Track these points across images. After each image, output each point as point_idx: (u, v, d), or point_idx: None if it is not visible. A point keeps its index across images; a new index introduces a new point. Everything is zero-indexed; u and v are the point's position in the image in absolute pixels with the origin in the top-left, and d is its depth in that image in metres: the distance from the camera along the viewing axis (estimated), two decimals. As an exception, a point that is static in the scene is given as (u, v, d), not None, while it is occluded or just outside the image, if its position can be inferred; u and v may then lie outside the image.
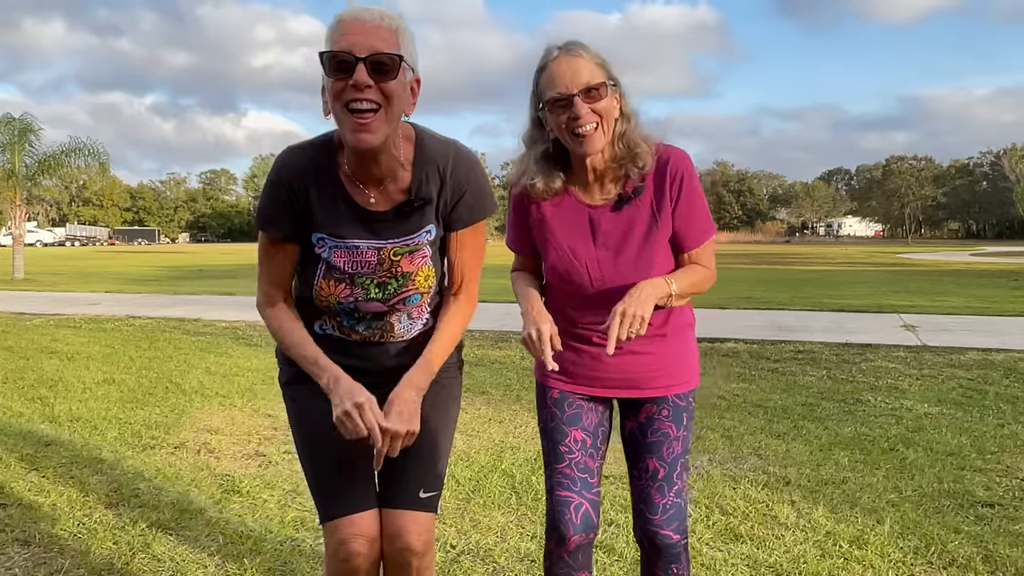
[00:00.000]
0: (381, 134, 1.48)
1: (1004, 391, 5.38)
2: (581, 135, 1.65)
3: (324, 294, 1.66)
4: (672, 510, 1.78)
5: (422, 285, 1.67)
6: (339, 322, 1.71)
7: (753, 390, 5.47)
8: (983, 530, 2.98)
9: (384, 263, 1.63)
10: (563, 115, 1.65)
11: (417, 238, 1.64)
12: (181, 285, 16.83)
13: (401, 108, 1.52)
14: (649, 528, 1.79)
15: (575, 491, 1.80)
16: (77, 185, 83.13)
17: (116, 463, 3.82)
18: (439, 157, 1.62)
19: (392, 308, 1.68)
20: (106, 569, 2.66)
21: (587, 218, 1.76)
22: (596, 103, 1.64)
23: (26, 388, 5.56)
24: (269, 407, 4.96)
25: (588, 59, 1.65)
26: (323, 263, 1.64)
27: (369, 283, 1.64)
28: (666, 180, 1.72)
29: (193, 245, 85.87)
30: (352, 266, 1.63)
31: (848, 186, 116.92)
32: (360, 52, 1.43)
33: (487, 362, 6.63)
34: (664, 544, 1.78)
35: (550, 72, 1.66)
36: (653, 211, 1.74)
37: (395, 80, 1.47)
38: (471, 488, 3.44)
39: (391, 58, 1.45)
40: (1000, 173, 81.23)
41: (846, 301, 11.96)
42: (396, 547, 1.70)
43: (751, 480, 3.55)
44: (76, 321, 9.53)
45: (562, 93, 1.63)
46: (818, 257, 37.12)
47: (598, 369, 1.81)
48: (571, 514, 1.78)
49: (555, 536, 1.80)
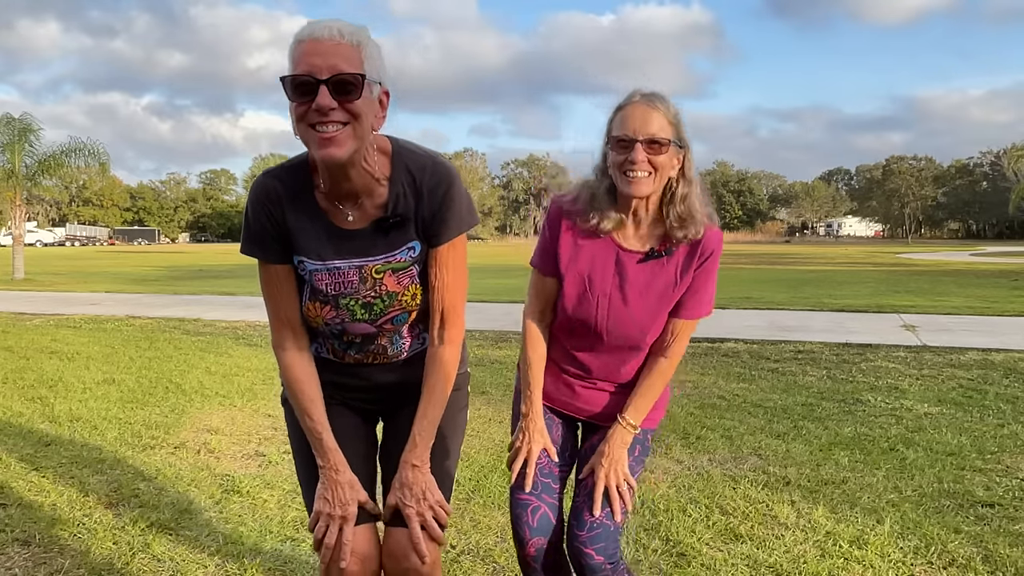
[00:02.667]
0: (348, 148, 1.44)
1: (1004, 391, 5.38)
2: (630, 178, 1.70)
3: (312, 315, 1.65)
4: (599, 530, 1.79)
5: (409, 304, 1.64)
6: (332, 345, 1.72)
7: (753, 390, 5.47)
8: (983, 530, 2.98)
9: (367, 282, 1.60)
10: (622, 156, 1.71)
11: (399, 255, 1.60)
12: (181, 285, 16.83)
13: (368, 125, 1.48)
14: (574, 544, 1.80)
15: (535, 494, 1.84)
16: (77, 185, 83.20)
17: (116, 463, 3.82)
18: (415, 171, 1.58)
19: (381, 329, 1.66)
20: (106, 569, 2.66)
21: (615, 257, 1.81)
22: (656, 156, 1.69)
23: (26, 388, 5.56)
24: (269, 407, 4.96)
25: (664, 113, 1.71)
26: (307, 286, 1.63)
27: (354, 304, 1.62)
28: (697, 251, 1.78)
29: (193, 245, 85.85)
30: (335, 287, 1.61)
31: (848, 186, 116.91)
32: (321, 74, 1.39)
33: (487, 362, 6.63)
34: (587, 564, 1.77)
35: (624, 113, 1.73)
36: (677, 276, 1.80)
37: (360, 99, 1.43)
38: (471, 488, 3.44)
39: (354, 77, 1.41)
40: (1000, 173, 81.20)
41: (846, 301, 11.95)
42: (402, 567, 1.66)
43: (751, 480, 3.55)
44: (76, 321, 9.53)
45: (627, 136, 1.70)
46: (818, 257, 37.12)
47: (571, 397, 1.93)
48: (528, 517, 1.82)
49: (517, 540, 1.85)
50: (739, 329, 8.46)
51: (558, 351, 1.92)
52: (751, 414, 4.79)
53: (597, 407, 1.92)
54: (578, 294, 1.82)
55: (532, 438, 1.87)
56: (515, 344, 7.60)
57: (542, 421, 1.90)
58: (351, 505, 1.63)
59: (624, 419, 1.84)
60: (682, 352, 1.87)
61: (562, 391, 1.93)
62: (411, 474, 1.64)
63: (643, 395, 1.85)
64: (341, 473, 1.64)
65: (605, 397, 1.91)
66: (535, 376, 1.90)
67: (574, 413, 1.95)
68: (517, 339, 7.92)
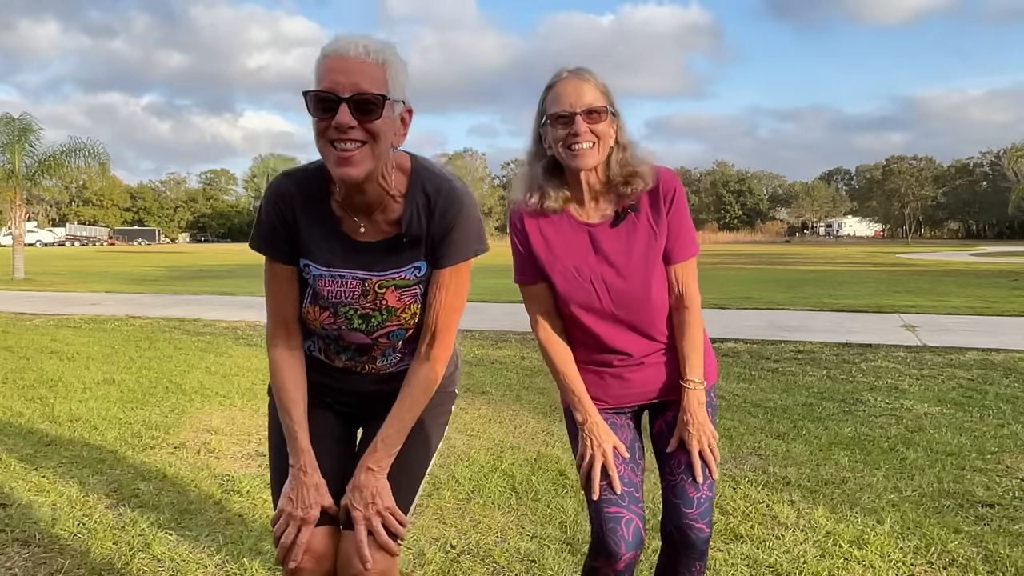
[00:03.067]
0: (364, 168, 1.46)
1: (1004, 391, 5.38)
2: (576, 151, 1.72)
3: (310, 318, 1.67)
4: (706, 504, 1.83)
5: (407, 322, 1.65)
6: (327, 346, 1.73)
7: (753, 390, 5.47)
8: (983, 530, 2.98)
9: (368, 295, 1.62)
10: (563, 131, 1.73)
11: (404, 273, 1.61)
12: (181, 285, 16.83)
13: (388, 142, 1.49)
14: (684, 522, 1.81)
15: (624, 506, 1.78)
16: (77, 185, 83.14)
17: (116, 463, 3.82)
18: (431, 192, 1.58)
19: (376, 341, 1.67)
20: (106, 569, 2.66)
21: (587, 236, 1.81)
22: (595, 124, 1.72)
23: (26, 388, 5.56)
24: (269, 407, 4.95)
25: (594, 84, 1.74)
26: (310, 289, 1.65)
27: (352, 313, 1.63)
28: (660, 196, 1.80)
29: (193, 245, 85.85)
30: (336, 295, 1.63)
31: (848, 186, 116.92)
32: (343, 92, 1.40)
33: (487, 362, 6.63)
34: (697, 538, 1.81)
35: (557, 90, 1.75)
36: (651, 225, 1.80)
37: (379, 119, 1.44)
38: (471, 488, 3.44)
39: (375, 98, 1.42)
40: (1000, 173, 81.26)
41: (846, 301, 11.95)
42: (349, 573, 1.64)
43: (751, 480, 3.55)
44: (76, 321, 9.53)
45: (565, 110, 1.72)
46: (818, 257, 37.12)
47: (623, 387, 1.89)
48: (623, 530, 1.75)
49: (604, 554, 1.76)
50: (739, 329, 8.46)
51: (587, 350, 1.87)
52: (751, 414, 4.78)
53: (656, 383, 1.88)
54: (571, 286, 1.81)
55: (600, 439, 1.81)
56: (515, 344, 7.60)
57: (602, 421, 1.84)
58: (313, 509, 1.63)
59: (688, 380, 1.84)
60: (697, 296, 1.88)
61: (612, 387, 1.88)
62: (364, 477, 1.63)
63: (689, 350, 1.85)
64: (309, 475, 1.65)
65: (658, 371, 1.88)
66: (573, 378, 1.86)
67: (634, 401, 1.90)
68: (517, 339, 7.92)
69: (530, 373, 6.14)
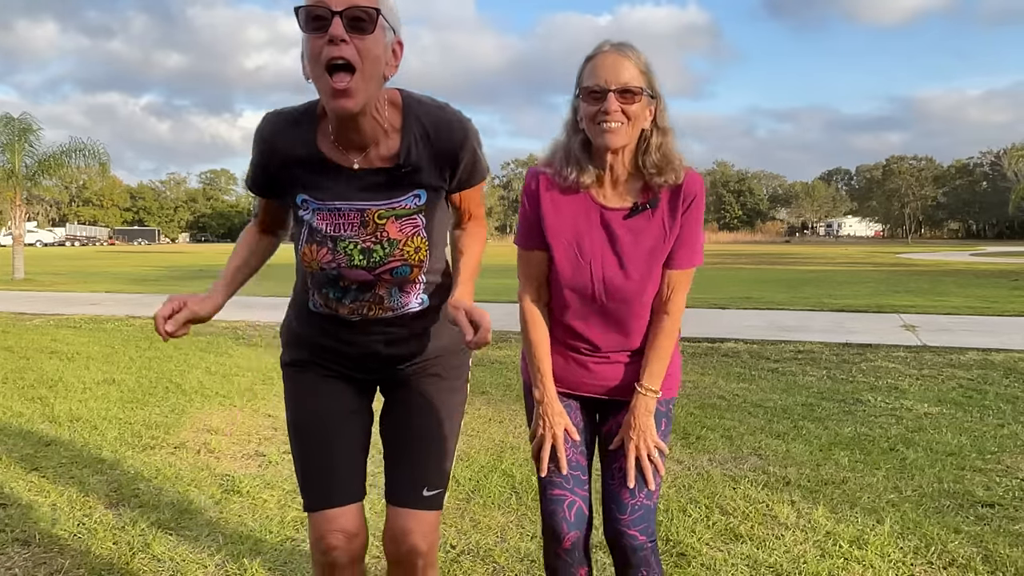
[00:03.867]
0: (360, 98, 1.43)
1: (1004, 391, 5.38)
2: (604, 127, 1.66)
3: (308, 259, 1.63)
4: (640, 511, 1.79)
5: (412, 257, 1.62)
6: (326, 295, 1.67)
7: (753, 390, 5.47)
8: (983, 530, 2.98)
9: (368, 226, 1.59)
10: (595, 107, 1.66)
11: (404, 201, 1.59)
12: (181, 285, 16.83)
13: (380, 69, 1.46)
14: (618, 528, 1.80)
15: (568, 489, 1.82)
16: (77, 185, 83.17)
17: (116, 463, 3.82)
18: (428, 123, 1.57)
19: (379, 279, 1.63)
20: (106, 569, 2.66)
21: (599, 217, 1.76)
22: (629, 105, 1.66)
23: (26, 388, 5.56)
24: (269, 407, 4.96)
25: (635, 62, 1.67)
26: (306, 226, 1.62)
27: (352, 248, 1.59)
28: (680, 198, 1.75)
29: (193, 245, 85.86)
30: (334, 228, 1.59)
31: (848, 186, 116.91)
32: (336, 5, 1.38)
33: (487, 362, 6.63)
34: (629, 545, 1.78)
35: (595, 63, 1.68)
36: (665, 226, 1.76)
37: (372, 36, 1.41)
38: (471, 488, 3.44)
39: (367, 12, 1.40)
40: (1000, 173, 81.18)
41: (846, 301, 11.95)
42: (402, 549, 1.70)
43: (751, 480, 3.55)
44: (76, 321, 9.53)
45: (600, 86, 1.65)
46: (818, 257, 37.11)
47: (586, 376, 1.86)
48: (565, 512, 1.81)
49: (551, 535, 1.83)
50: (739, 329, 8.45)
51: (562, 330, 1.86)
52: (751, 414, 4.78)
53: (614, 381, 1.85)
54: (570, 261, 1.77)
55: (553, 421, 1.81)
56: (515, 344, 7.60)
57: (559, 403, 1.84)
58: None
59: (642, 386, 1.79)
60: (682, 306, 1.82)
61: (574, 371, 1.86)
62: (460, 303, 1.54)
63: (654, 358, 1.80)
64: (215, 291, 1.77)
65: (620, 369, 1.85)
66: (542, 358, 1.84)
67: (591, 393, 1.88)
68: (517, 339, 7.89)
69: (530, 373, 6.14)
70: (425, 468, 1.74)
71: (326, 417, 1.73)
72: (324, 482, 1.71)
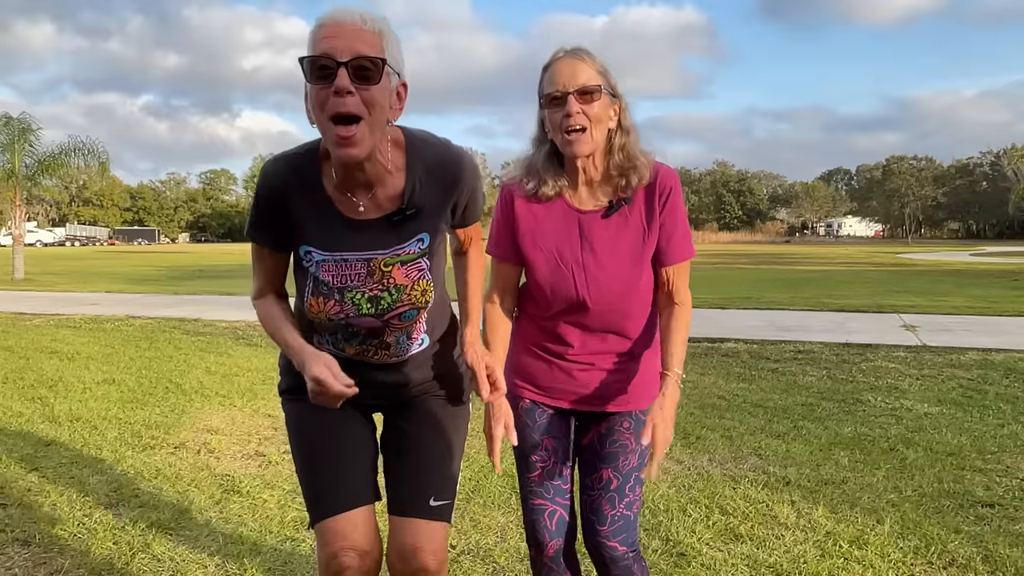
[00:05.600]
0: (366, 147, 1.44)
1: (1004, 391, 5.38)
2: (570, 134, 1.68)
3: (315, 311, 1.61)
4: (620, 522, 1.78)
5: (419, 300, 1.62)
6: (335, 337, 1.67)
7: (753, 390, 5.47)
8: (983, 530, 2.98)
9: (375, 274, 1.58)
10: (557, 113, 1.68)
11: (409, 247, 1.59)
12: (181, 285, 16.83)
13: (385, 116, 1.46)
14: (597, 539, 1.79)
15: (548, 498, 1.84)
16: (77, 185, 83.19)
17: (116, 463, 3.82)
18: (432, 162, 1.57)
19: (387, 324, 1.63)
20: (106, 569, 2.66)
21: (576, 223, 1.76)
22: (589, 105, 1.67)
23: (26, 388, 5.56)
24: (269, 407, 4.96)
25: (590, 64, 1.69)
26: (311, 278, 1.59)
27: (360, 297, 1.58)
28: (655, 192, 1.75)
29: (193, 245, 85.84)
30: (340, 280, 1.58)
31: (848, 186, 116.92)
32: (341, 56, 1.37)
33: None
34: (610, 556, 1.77)
35: (551, 71, 1.70)
36: (643, 223, 1.75)
37: (378, 85, 1.41)
38: (471, 488, 3.44)
39: (373, 62, 1.39)
40: (1000, 173, 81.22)
41: (846, 301, 11.95)
42: (411, 567, 1.66)
43: (751, 480, 3.55)
44: (76, 321, 9.53)
45: (559, 91, 1.67)
46: (818, 257, 37.12)
47: (566, 383, 1.84)
48: (546, 521, 1.82)
49: (534, 544, 1.85)
50: (739, 329, 8.45)
51: (546, 336, 1.83)
52: (751, 414, 4.78)
53: (596, 389, 1.82)
54: (551, 270, 1.77)
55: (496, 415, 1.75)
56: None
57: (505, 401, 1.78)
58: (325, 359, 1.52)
59: (670, 370, 1.74)
60: (688, 293, 1.81)
61: (557, 378, 1.83)
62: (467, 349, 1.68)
63: (673, 343, 1.77)
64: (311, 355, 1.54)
65: (603, 376, 1.82)
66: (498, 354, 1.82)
67: (572, 402, 1.84)
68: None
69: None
70: (430, 478, 1.71)
71: (329, 435, 1.71)
72: (331, 491, 1.67)
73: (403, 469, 1.73)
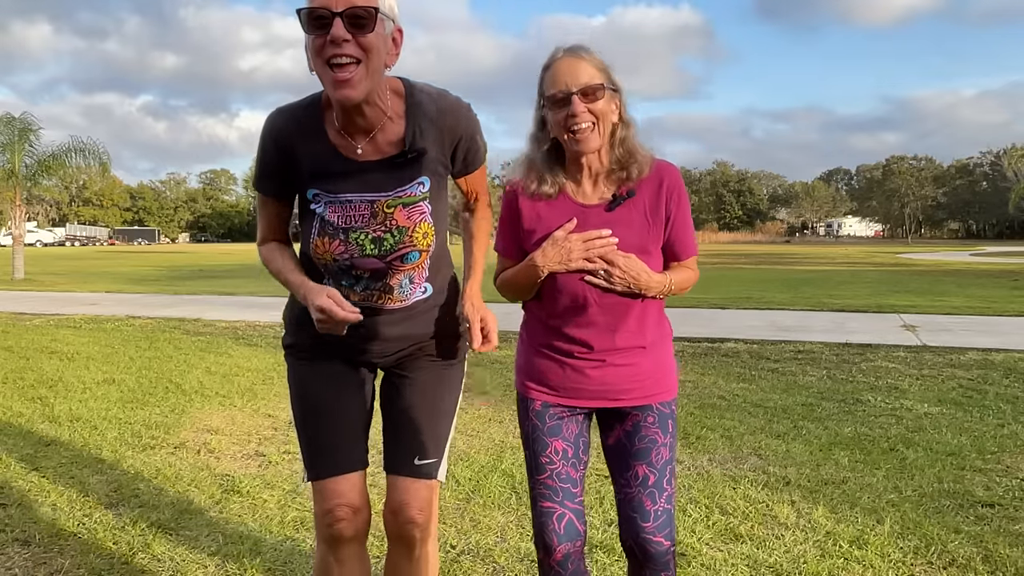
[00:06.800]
0: (363, 88, 1.51)
1: (1004, 391, 5.38)
2: (577, 134, 1.69)
3: (320, 252, 1.69)
4: (663, 517, 1.79)
5: (420, 242, 1.69)
6: (339, 283, 1.73)
7: (753, 390, 5.47)
8: (983, 530, 2.98)
9: (378, 216, 1.65)
10: (561, 113, 1.69)
11: (410, 190, 1.66)
12: (181, 285, 16.83)
13: (382, 60, 1.53)
14: (642, 536, 1.78)
15: (557, 501, 1.82)
16: (77, 185, 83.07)
17: (116, 463, 3.82)
18: (431, 111, 1.65)
19: (390, 266, 1.69)
20: (106, 569, 2.66)
21: (581, 217, 1.78)
22: (593, 103, 1.69)
23: (26, 388, 5.56)
24: (269, 407, 4.96)
25: (590, 62, 1.70)
26: (317, 219, 1.67)
27: (364, 238, 1.66)
28: (662, 190, 1.77)
29: (193, 245, 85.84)
30: (345, 220, 1.65)
31: (848, 186, 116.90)
32: (336, 7, 1.45)
33: (487, 362, 6.63)
34: (656, 551, 1.78)
35: (553, 71, 1.71)
36: (647, 217, 1.77)
37: (373, 33, 1.49)
38: (471, 488, 3.44)
39: (367, 11, 1.47)
40: (1000, 173, 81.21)
41: (846, 301, 11.95)
42: (399, 521, 1.79)
43: (751, 480, 3.55)
44: (76, 321, 9.53)
45: (561, 91, 1.68)
46: (818, 257, 37.12)
47: (580, 381, 1.84)
48: (555, 524, 1.81)
49: (542, 547, 1.83)
50: (739, 329, 8.45)
51: (556, 336, 1.84)
52: (751, 414, 4.78)
53: (612, 385, 1.82)
54: None
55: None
56: (515, 344, 7.59)
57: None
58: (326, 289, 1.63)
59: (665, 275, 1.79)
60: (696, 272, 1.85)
61: (571, 378, 1.83)
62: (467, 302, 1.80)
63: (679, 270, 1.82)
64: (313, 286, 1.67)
65: (618, 373, 1.82)
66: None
67: (590, 401, 1.84)
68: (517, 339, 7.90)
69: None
70: (415, 438, 1.81)
71: (328, 394, 1.81)
72: (328, 452, 1.79)
73: (393, 429, 1.85)
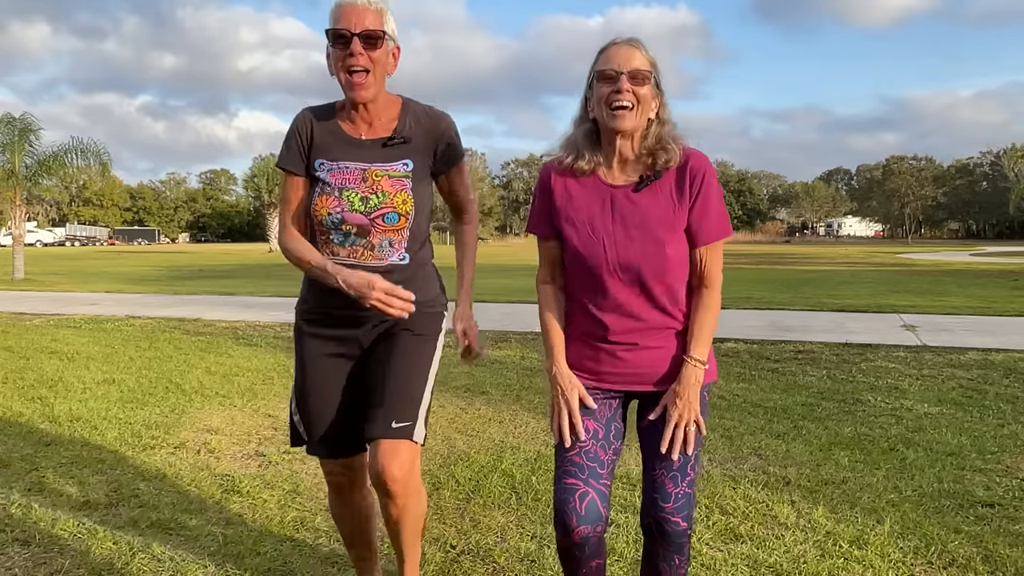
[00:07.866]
0: (372, 90, 2.02)
1: (1004, 391, 5.38)
2: (616, 110, 1.79)
3: (317, 208, 2.07)
4: (683, 499, 1.85)
5: (400, 207, 2.06)
6: (330, 241, 2.07)
7: (753, 390, 5.47)
8: (983, 530, 2.98)
9: (367, 180, 2.06)
10: (607, 88, 1.81)
11: (395, 166, 2.08)
12: (181, 285, 16.83)
13: (385, 69, 2.05)
14: (660, 515, 1.83)
15: (582, 479, 1.81)
16: (77, 185, 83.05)
17: (116, 463, 3.82)
18: (420, 114, 2.14)
19: (373, 223, 2.05)
20: (106, 569, 2.66)
21: (608, 196, 1.87)
22: (639, 87, 1.80)
23: (26, 388, 5.56)
24: (269, 407, 4.96)
25: (643, 53, 1.84)
26: (320, 183, 2.08)
27: (354, 196, 2.05)
28: (687, 174, 1.85)
29: (193, 245, 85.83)
30: (340, 181, 2.07)
31: (848, 186, 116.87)
32: (355, 29, 1.96)
33: (487, 362, 6.63)
34: (673, 531, 1.83)
35: (608, 52, 1.85)
36: (673, 198, 1.85)
37: (380, 49, 1.99)
38: (471, 488, 3.44)
39: (376, 33, 1.98)
40: (1000, 173, 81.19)
41: (846, 301, 11.95)
42: (380, 478, 2.02)
43: (751, 480, 3.55)
44: (76, 321, 9.53)
45: (613, 69, 1.81)
46: (818, 257, 37.11)
47: (615, 365, 1.90)
48: (576, 502, 1.79)
49: (560, 526, 1.81)
50: (739, 329, 8.45)
51: (587, 319, 1.90)
52: (751, 414, 4.78)
53: (648, 369, 1.88)
54: (583, 240, 1.86)
55: (565, 388, 1.88)
56: (515, 344, 7.60)
57: (569, 371, 1.90)
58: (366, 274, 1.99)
59: (690, 357, 1.86)
60: (719, 278, 1.89)
61: (605, 361, 1.89)
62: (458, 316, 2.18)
63: (698, 329, 1.87)
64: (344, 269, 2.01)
65: (652, 356, 1.87)
66: (555, 333, 1.94)
67: (624, 384, 1.90)
68: (518, 339, 7.92)
69: (530, 373, 6.14)
70: (391, 404, 2.05)
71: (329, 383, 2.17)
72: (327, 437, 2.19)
73: (372, 399, 2.09)
